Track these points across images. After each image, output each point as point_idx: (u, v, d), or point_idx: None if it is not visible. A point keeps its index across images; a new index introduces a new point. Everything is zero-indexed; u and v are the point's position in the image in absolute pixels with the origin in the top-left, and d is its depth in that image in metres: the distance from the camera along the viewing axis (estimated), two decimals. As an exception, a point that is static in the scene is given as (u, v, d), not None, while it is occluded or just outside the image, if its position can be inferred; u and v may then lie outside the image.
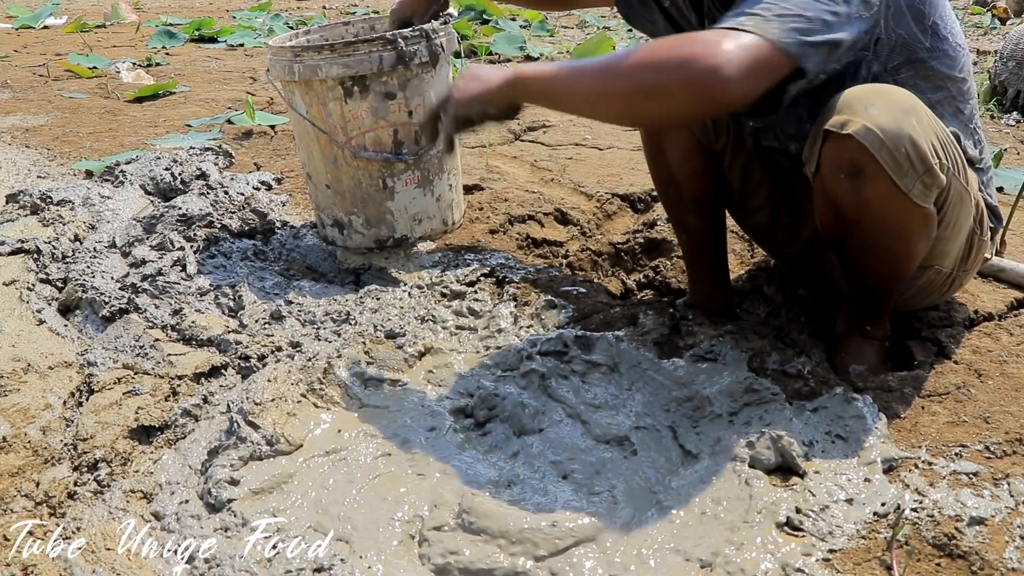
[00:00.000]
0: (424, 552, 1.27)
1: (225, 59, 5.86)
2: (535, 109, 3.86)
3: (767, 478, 1.35)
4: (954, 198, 1.48)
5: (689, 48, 1.26)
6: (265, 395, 1.60)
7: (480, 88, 1.44)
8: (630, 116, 1.45)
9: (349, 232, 2.35)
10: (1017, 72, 3.68)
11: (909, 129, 1.34)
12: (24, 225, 2.57)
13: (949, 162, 1.43)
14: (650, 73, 1.28)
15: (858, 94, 1.39)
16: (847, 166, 1.38)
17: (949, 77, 1.51)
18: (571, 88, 1.37)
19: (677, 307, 1.94)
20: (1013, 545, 1.18)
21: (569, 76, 1.37)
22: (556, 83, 1.39)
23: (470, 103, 1.45)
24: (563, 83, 1.38)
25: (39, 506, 1.42)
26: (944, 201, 1.47)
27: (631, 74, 1.30)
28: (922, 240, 1.48)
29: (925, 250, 1.51)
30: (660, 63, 1.28)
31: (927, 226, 1.46)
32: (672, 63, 1.26)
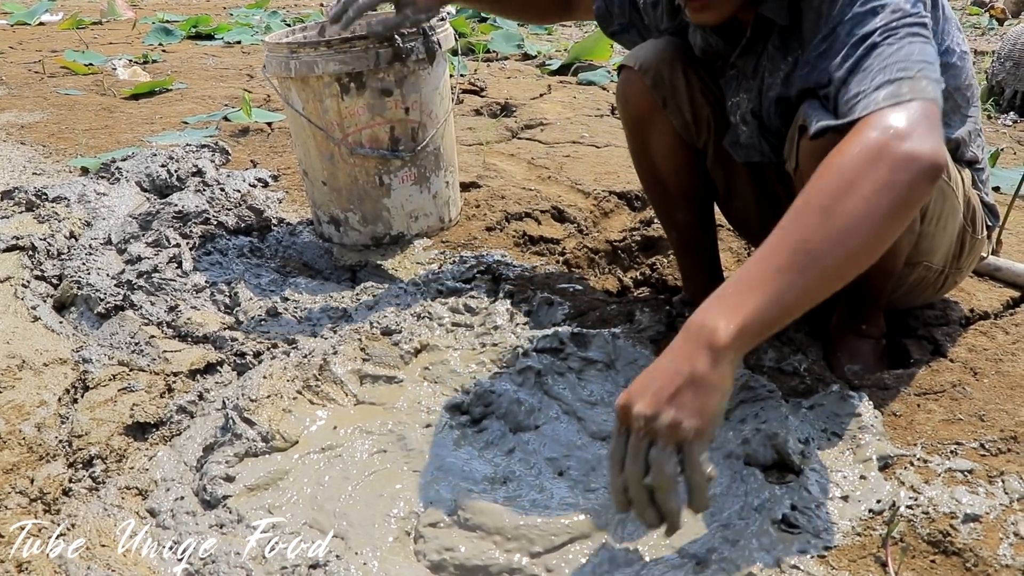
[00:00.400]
0: (420, 548, 1.27)
1: (222, 56, 5.85)
2: (532, 107, 3.86)
3: (763, 475, 1.35)
4: (935, 194, 1.48)
5: (889, 154, 1.11)
6: (261, 392, 1.60)
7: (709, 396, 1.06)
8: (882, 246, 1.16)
9: (345, 229, 2.34)
10: (1014, 72, 3.68)
11: None
12: (19, 222, 2.57)
13: None
14: (872, 209, 1.10)
15: None
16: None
17: (955, 88, 1.52)
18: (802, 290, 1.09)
19: (673, 304, 1.94)
20: (1007, 542, 1.18)
21: (786, 288, 1.08)
22: (780, 305, 1.08)
23: (714, 421, 1.08)
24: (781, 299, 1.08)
25: (34, 503, 1.42)
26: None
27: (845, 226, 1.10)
28: (904, 234, 1.48)
29: (908, 245, 1.52)
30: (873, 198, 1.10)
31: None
32: (891, 181, 1.10)
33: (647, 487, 1.05)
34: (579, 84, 4.56)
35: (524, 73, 4.85)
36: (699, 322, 1.08)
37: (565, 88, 4.40)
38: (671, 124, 1.74)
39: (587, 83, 4.56)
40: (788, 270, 1.09)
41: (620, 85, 1.77)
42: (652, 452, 1.05)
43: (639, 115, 1.76)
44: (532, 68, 5.02)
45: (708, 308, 1.10)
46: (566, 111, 3.86)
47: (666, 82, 1.68)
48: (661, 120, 1.74)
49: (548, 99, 4.11)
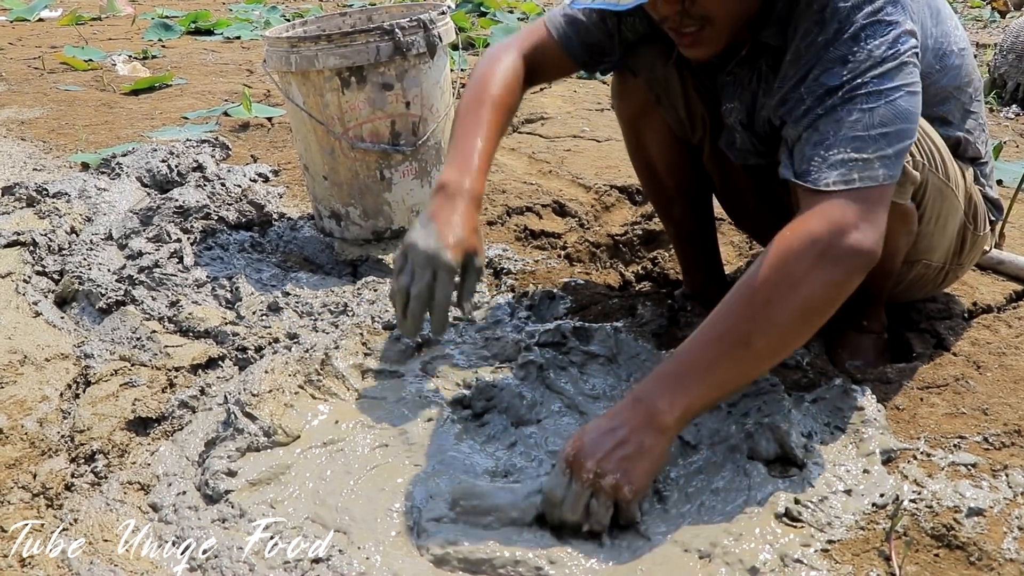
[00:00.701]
0: (422, 543, 1.26)
1: (221, 51, 5.84)
2: (532, 101, 3.85)
3: (766, 469, 1.35)
4: (933, 193, 1.47)
5: (833, 251, 1.19)
6: (262, 386, 1.60)
7: (651, 466, 1.23)
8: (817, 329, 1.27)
9: (346, 223, 2.34)
10: (1017, 65, 3.67)
11: None
12: (20, 217, 2.56)
13: (924, 159, 1.43)
14: (811, 295, 1.20)
15: None
16: None
17: (956, 87, 1.51)
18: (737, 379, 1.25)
19: (675, 298, 1.94)
20: (1011, 536, 1.18)
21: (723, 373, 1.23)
22: (719, 387, 1.24)
23: (648, 486, 1.26)
24: (725, 383, 1.24)
25: (36, 498, 1.42)
26: (922, 197, 1.46)
27: (789, 313, 1.20)
28: (902, 236, 1.47)
29: (907, 245, 1.51)
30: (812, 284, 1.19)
31: (905, 222, 1.45)
32: (825, 272, 1.19)
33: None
34: (579, 78, 4.55)
35: (525, 67, 4.83)
36: (647, 401, 1.23)
37: (565, 82, 4.39)
38: (666, 121, 1.73)
39: (587, 77, 4.55)
40: (728, 358, 1.22)
41: (615, 82, 1.76)
42: (593, 503, 1.22)
43: (634, 112, 1.75)
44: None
45: (653, 388, 1.23)
46: (566, 105, 3.85)
47: (660, 79, 1.67)
48: (656, 117, 1.73)
49: (548, 93, 4.10)
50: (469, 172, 1.48)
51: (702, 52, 1.42)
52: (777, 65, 1.42)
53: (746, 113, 1.55)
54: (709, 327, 1.24)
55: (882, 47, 1.24)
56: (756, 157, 1.60)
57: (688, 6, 1.31)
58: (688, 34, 1.37)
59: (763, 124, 1.51)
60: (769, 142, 1.54)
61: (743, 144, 1.60)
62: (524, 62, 1.65)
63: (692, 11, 1.32)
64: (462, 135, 1.54)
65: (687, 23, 1.34)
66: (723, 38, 1.39)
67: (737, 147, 1.62)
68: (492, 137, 1.55)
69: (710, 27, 1.35)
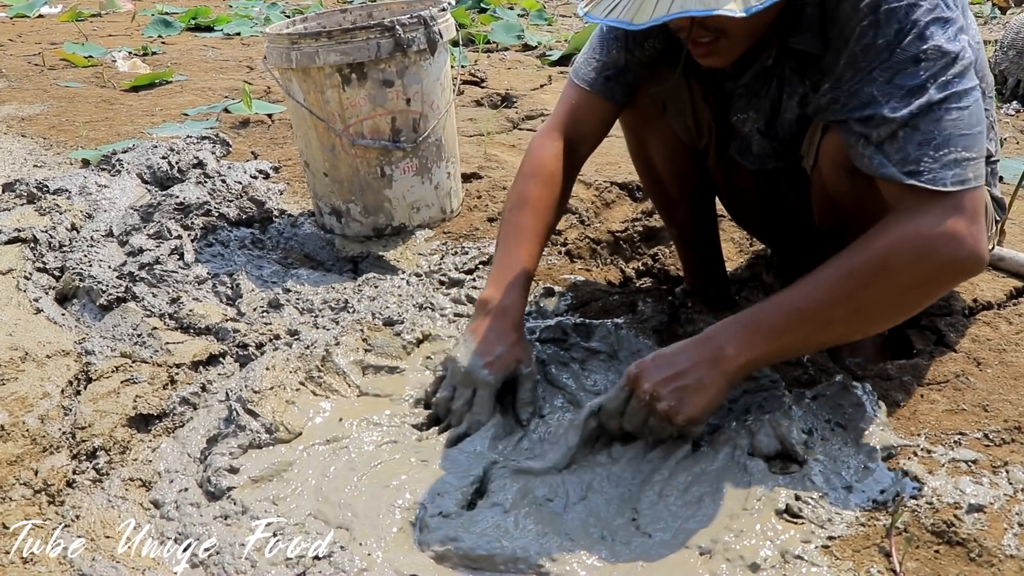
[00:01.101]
0: (424, 539, 1.27)
1: (222, 48, 5.83)
2: (532, 97, 3.85)
3: (766, 465, 1.35)
4: None
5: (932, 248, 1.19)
6: (264, 383, 1.60)
7: (705, 402, 1.29)
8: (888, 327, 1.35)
9: (347, 220, 2.34)
10: (1017, 61, 3.67)
11: None
12: (21, 214, 2.56)
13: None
14: (901, 286, 1.21)
15: None
16: (846, 161, 1.37)
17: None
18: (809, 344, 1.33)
19: (676, 295, 1.94)
20: (1011, 532, 1.18)
21: (799, 334, 1.27)
22: (789, 349, 1.30)
23: (702, 420, 1.32)
24: (796, 346, 1.30)
25: (38, 494, 1.42)
26: None
27: (877, 296, 1.22)
28: None
29: None
30: (907, 274, 1.20)
31: None
32: (924, 266, 1.20)
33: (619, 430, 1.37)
34: (580, 75, 4.54)
35: (524, 64, 4.84)
36: (716, 343, 1.28)
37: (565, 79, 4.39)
38: (671, 127, 1.72)
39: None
40: (804, 330, 1.26)
41: None
42: (651, 420, 1.32)
43: (639, 120, 1.74)
44: (532, 59, 5.01)
45: (725, 332, 1.28)
46: (567, 102, 3.84)
47: (667, 88, 1.65)
48: (662, 124, 1.72)
49: (549, 90, 4.10)
50: (510, 291, 1.55)
51: (717, 62, 1.41)
52: (803, 68, 1.40)
53: (764, 121, 1.54)
54: (795, 296, 1.27)
55: (950, 44, 1.22)
56: (775, 161, 1.60)
57: (702, 18, 1.30)
58: (703, 44, 1.36)
59: (787, 128, 1.50)
60: (790, 144, 1.54)
61: (761, 150, 1.59)
62: (565, 140, 1.67)
63: (707, 22, 1.31)
64: (504, 247, 1.60)
65: (702, 34, 1.34)
66: (738, 48, 1.38)
67: (754, 153, 1.61)
68: (534, 246, 1.61)
69: (725, 38, 1.34)
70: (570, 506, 1.31)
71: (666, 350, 1.32)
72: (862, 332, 1.33)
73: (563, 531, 1.26)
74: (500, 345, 1.50)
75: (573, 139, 1.68)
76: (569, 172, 1.69)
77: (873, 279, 1.21)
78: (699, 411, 1.28)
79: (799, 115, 1.47)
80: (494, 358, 1.49)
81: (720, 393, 1.29)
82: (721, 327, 1.29)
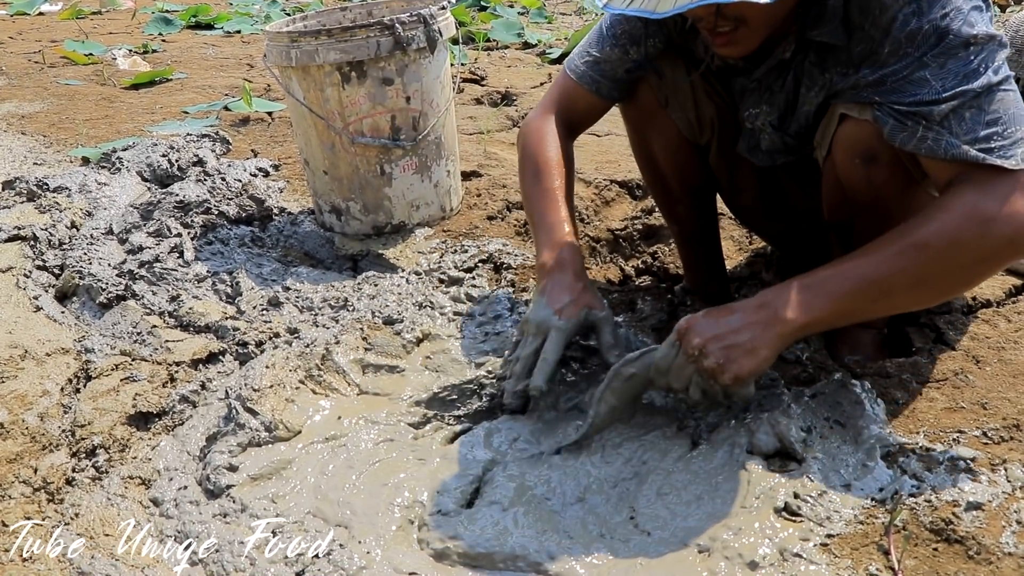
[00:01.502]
0: (423, 537, 1.27)
1: (222, 46, 5.83)
2: (532, 95, 3.85)
3: (765, 463, 1.35)
4: None
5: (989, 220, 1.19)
6: (263, 381, 1.60)
7: (755, 364, 1.27)
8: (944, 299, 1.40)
9: (347, 218, 2.34)
10: (1016, 60, 3.67)
11: None
12: (20, 212, 2.56)
13: None
14: (963, 260, 1.22)
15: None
16: (862, 151, 1.37)
17: None
18: (866, 312, 1.31)
19: (675, 293, 1.94)
20: (1010, 530, 1.19)
21: (858, 303, 1.26)
22: (845, 315, 1.29)
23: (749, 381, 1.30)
24: (854, 313, 1.29)
25: (37, 492, 1.42)
26: None
27: (940, 270, 1.23)
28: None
29: None
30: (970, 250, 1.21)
31: None
32: (985, 243, 1.20)
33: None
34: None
35: (524, 62, 4.83)
36: (773, 306, 1.27)
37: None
38: (673, 122, 1.72)
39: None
40: (862, 298, 1.25)
41: None
42: (696, 378, 1.31)
43: (640, 114, 1.74)
44: (532, 57, 5.01)
45: (783, 296, 1.27)
46: (567, 100, 3.84)
47: (669, 83, 1.66)
48: (663, 118, 1.72)
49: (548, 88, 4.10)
50: (563, 247, 1.58)
51: (736, 51, 1.41)
52: (823, 60, 1.41)
53: (778, 115, 1.54)
54: (859, 263, 1.26)
55: (993, 30, 1.24)
56: (785, 156, 1.60)
57: (723, 7, 1.30)
58: (723, 34, 1.36)
59: (803, 121, 1.51)
60: (803, 138, 1.54)
61: (771, 146, 1.59)
62: (559, 122, 1.73)
63: (727, 11, 1.31)
64: (539, 212, 1.64)
65: (721, 23, 1.34)
66: (758, 38, 1.38)
67: (763, 150, 1.61)
68: (566, 205, 1.65)
69: (744, 27, 1.34)
70: (568, 504, 1.31)
71: (719, 308, 1.31)
72: (920, 304, 1.33)
73: (562, 529, 1.26)
74: (567, 294, 1.52)
75: (568, 123, 1.75)
76: (568, 142, 1.75)
77: (940, 252, 1.21)
78: (746, 372, 1.26)
79: (819, 106, 1.47)
80: (563, 305, 1.50)
81: (771, 356, 1.27)
82: (779, 290, 1.28)
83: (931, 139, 1.26)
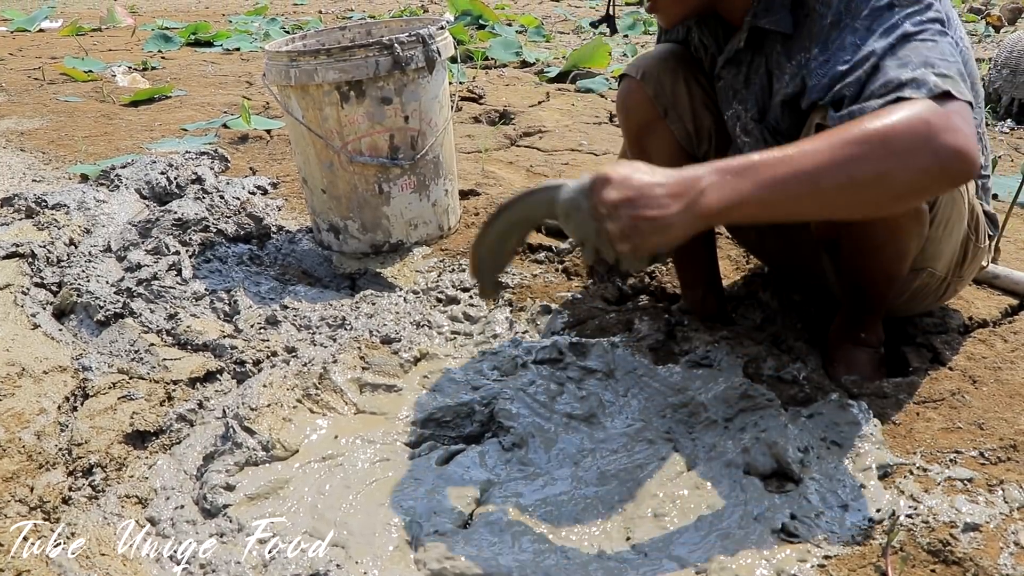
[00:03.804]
0: (420, 557, 1.27)
1: (221, 63, 5.86)
2: (530, 114, 3.87)
3: (762, 484, 1.35)
4: (945, 198, 1.48)
5: (928, 135, 1.13)
6: (261, 400, 1.60)
7: (661, 239, 1.16)
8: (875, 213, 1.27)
9: (345, 237, 2.35)
10: (1011, 80, 3.69)
11: None
12: (19, 229, 2.57)
13: None
14: (895, 168, 1.13)
15: None
16: None
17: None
18: (786, 207, 1.17)
19: (672, 313, 1.94)
20: (1007, 551, 1.19)
21: (780, 194, 1.15)
22: (765, 206, 1.16)
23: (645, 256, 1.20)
24: (774, 204, 1.16)
25: (33, 511, 1.42)
26: (935, 200, 1.47)
27: (870, 175, 1.13)
28: (914, 238, 1.48)
29: (917, 249, 1.52)
30: (903, 157, 1.13)
31: (919, 223, 1.46)
32: (919, 156, 1.13)
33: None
34: (577, 91, 4.57)
35: (522, 80, 4.86)
36: (699, 184, 1.14)
37: (563, 95, 4.41)
38: (672, 134, 1.74)
39: (585, 90, 4.57)
40: (792, 184, 1.14)
41: (621, 94, 1.77)
42: (594, 237, 1.18)
43: (640, 124, 1.76)
44: (530, 75, 5.04)
45: (714, 176, 1.15)
46: (564, 119, 3.87)
47: (668, 92, 1.69)
48: (662, 130, 1.74)
49: (546, 106, 4.12)
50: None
51: (661, 19, 1.49)
52: (788, 48, 1.44)
53: (757, 110, 1.56)
54: (791, 152, 1.17)
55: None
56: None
57: None
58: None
59: (777, 111, 1.52)
60: (788, 131, 1.55)
61: (757, 145, 1.61)
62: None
63: None
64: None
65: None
66: (675, 8, 1.47)
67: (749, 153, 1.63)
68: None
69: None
70: (565, 525, 1.31)
71: (646, 168, 1.18)
72: (843, 211, 1.22)
73: (559, 549, 1.26)
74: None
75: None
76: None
77: (871, 152, 1.14)
78: (649, 248, 1.16)
79: (787, 96, 1.48)
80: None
81: (681, 236, 1.15)
82: (708, 167, 1.17)
83: (850, 98, 1.26)
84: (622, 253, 1.17)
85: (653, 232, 1.14)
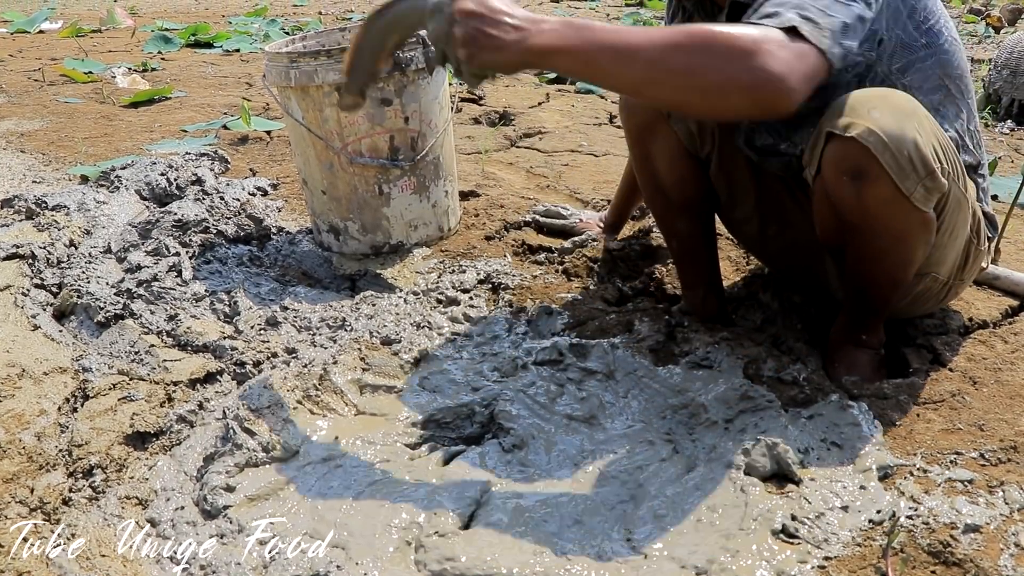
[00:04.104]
0: (420, 558, 1.26)
1: (221, 64, 5.86)
2: (530, 115, 3.87)
3: (762, 485, 1.35)
4: (952, 204, 1.49)
5: (752, 51, 1.17)
6: (261, 401, 1.60)
7: (491, 60, 1.24)
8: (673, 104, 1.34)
9: (345, 238, 2.35)
10: (1011, 81, 3.70)
11: (912, 132, 1.35)
12: (19, 230, 2.57)
13: (950, 167, 1.44)
14: (708, 67, 1.18)
15: (861, 97, 1.39)
16: (850, 168, 1.39)
17: (947, 74, 1.52)
18: (604, 69, 1.23)
19: (672, 314, 1.94)
20: (1008, 553, 1.19)
21: (602, 54, 1.21)
22: (587, 63, 1.23)
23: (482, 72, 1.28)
24: (594, 62, 1.22)
25: (34, 512, 1.42)
26: (943, 206, 1.47)
27: (683, 64, 1.19)
28: (921, 245, 1.48)
29: (923, 256, 1.52)
30: (719, 60, 1.17)
31: (927, 231, 1.46)
32: (734, 64, 1.17)
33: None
34: (577, 92, 4.57)
35: (522, 82, 4.86)
36: (541, 25, 1.23)
37: (563, 96, 4.42)
38: (674, 134, 1.74)
39: (585, 91, 4.57)
40: (611, 54, 1.21)
41: (623, 96, 1.77)
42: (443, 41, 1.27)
43: (643, 125, 1.76)
44: (530, 76, 5.04)
45: (554, 25, 1.23)
46: (564, 120, 3.87)
47: None
48: (665, 130, 1.74)
49: (547, 108, 4.12)
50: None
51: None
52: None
53: None
54: (631, 28, 1.24)
55: None
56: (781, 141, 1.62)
57: None
58: None
59: None
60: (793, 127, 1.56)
61: (763, 140, 1.62)
62: None
63: None
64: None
65: None
66: None
67: (757, 145, 1.64)
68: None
69: None
70: (566, 526, 1.31)
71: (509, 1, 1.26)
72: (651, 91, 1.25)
73: (559, 551, 1.26)
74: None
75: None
76: None
77: (693, 47, 1.18)
78: (480, 62, 1.24)
79: None
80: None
81: (509, 64, 1.24)
82: (559, 18, 1.25)
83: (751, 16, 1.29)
84: (460, 59, 1.26)
85: (487, 49, 1.23)
